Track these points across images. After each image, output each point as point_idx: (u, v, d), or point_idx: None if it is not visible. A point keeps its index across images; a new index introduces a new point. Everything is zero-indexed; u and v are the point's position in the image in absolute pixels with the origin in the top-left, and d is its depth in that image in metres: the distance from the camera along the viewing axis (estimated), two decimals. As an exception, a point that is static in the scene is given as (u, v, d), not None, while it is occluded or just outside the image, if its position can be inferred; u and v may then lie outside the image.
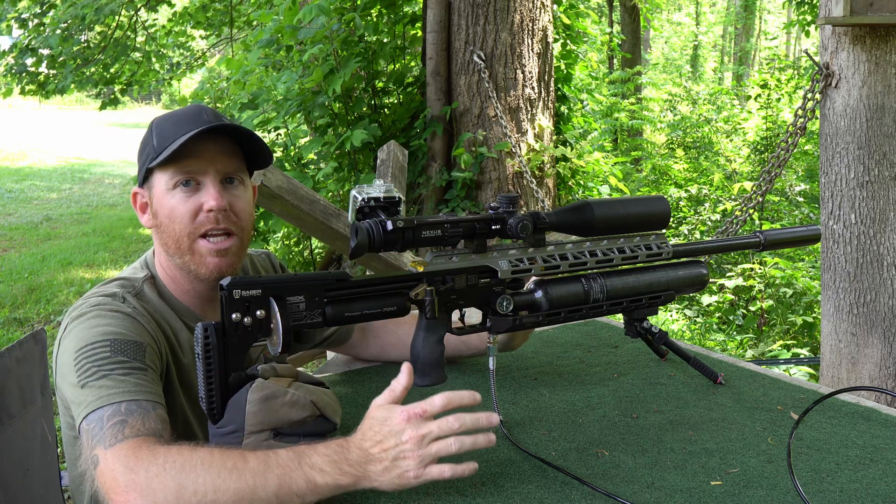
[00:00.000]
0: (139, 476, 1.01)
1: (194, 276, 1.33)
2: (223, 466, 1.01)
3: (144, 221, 1.37)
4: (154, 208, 1.32)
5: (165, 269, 1.36)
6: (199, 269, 1.31)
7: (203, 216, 1.29)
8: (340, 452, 1.06)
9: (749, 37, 24.27)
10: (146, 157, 1.32)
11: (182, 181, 1.29)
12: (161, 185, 1.31)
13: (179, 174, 1.29)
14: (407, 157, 4.23)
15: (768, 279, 5.71)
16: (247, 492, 1.01)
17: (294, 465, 1.03)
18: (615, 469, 1.19)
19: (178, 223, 1.29)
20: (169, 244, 1.31)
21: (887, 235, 3.08)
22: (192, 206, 1.29)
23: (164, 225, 1.31)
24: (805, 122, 3.37)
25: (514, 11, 5.03)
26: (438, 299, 1.20)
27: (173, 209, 1.29)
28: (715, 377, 1.56)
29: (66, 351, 1.20)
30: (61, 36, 8.07)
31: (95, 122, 23.86)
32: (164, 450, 1.04)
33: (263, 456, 1.04)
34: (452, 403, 1.10)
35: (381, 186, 1.15)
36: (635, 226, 1.33)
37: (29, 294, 6.18)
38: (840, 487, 1.14)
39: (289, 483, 1.02)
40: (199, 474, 1.00)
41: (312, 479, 1.03)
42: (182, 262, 1.32)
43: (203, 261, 1.31)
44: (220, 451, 1.04)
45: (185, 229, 1.29)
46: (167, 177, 1.30)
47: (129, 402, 1.12)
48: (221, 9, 9.70)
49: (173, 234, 1.30)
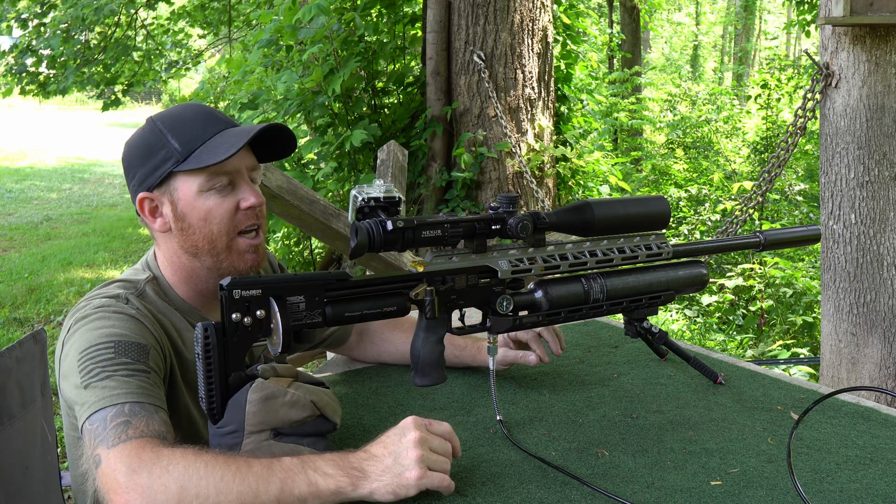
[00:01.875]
0: (141, 477, 1.01)
1: (223, 275, 1.31)
2: (226, 470, 1.01)
3: (158, 226, 1.32)
4: (181, 211, 1.29)
5: (179, 269, 1.35)
6: (238, 265, 1.32)
7: (242, 214, 1.30)
8: (344, 456, 1.07)
9: (749, 37, 24.26)
10: (162, 160, 1.28)
11: (220, 184, 1.28)
12: (191, 188, 1.28)
13: (217, 177, 1.28)
14: (407, 157, 4.24)
15: (768, 279, 5.71)
16: (250, 495, 1.00)
17: (297, 469, 1.03)
18: (615, 469, 1.19)
19: (217, 224, 1.29)
20: (201, 246, 1.30)
21: (887, 235, 3.08)
22: (230, 205, 1.29)
23: (195, 227, 1.29)
24: (805, 122, 3.37)
25: (514, 11, 5.03)
26: (438, 299, 1.20)
27: (210, 211, 1.28)
28: (715, 377, 1.56)
29: (69, 352, 1.20)
30: (62, 37, 8.07)
31: (95, 122, 23.86)
32: (167, 452, 1.04)
33: (268, 461, 1.04)
34: (453, 438, 1.14)
35: (381, 186, 1.15)
36: (635, 226, 1.33)
37: (29, 294, 6.18)
38: (840, 487, 1.14)
39: (291, 487, 1.02)
40: (201, 477, 1.00)
41: (315, 482, 1.03)
42: (215, 262, 1.31)
43: (242, 258, 1.32)
44: (224, 456, 1.04)
45: (224, 228, 1.29)
46: (201, 179, 1.27)
47: (132, 403, 1.11)
48: (220, 8, 9.71)
49: (208, 235, 1.29)
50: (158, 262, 1.37)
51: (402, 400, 1.50)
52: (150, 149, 1.30)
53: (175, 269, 1.35)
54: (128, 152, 1.33)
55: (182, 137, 1.28)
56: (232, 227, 1.30)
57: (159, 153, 1.29)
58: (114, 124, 23.21)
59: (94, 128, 22.54)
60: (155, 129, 1.30)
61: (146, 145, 1.30)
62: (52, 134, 19.81)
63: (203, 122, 1.29)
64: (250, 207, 1.30)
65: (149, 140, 1.30)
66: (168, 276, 1.36)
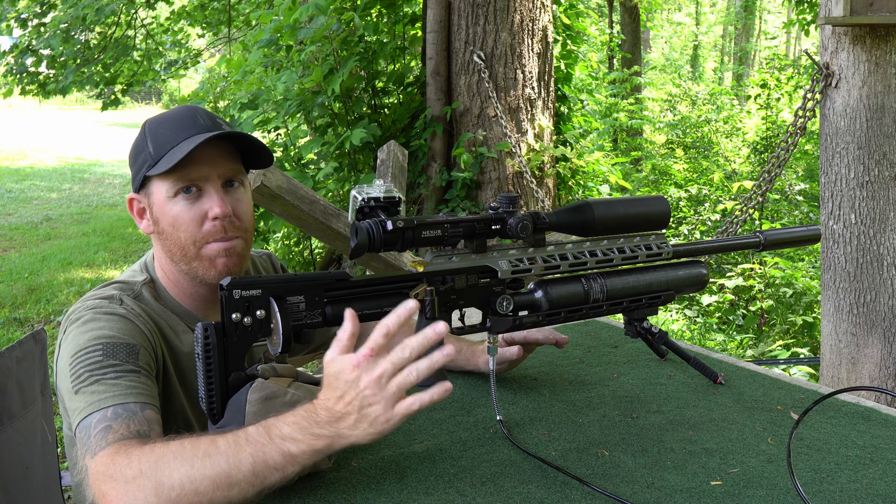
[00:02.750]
0: (119, 483, 1.02)
1: (201, 281, 1.32)
2: (195, 455, 1.01)
3: (143, 227, 1.34)
4: (155, 215, 1.30)
5: (167, 273, 1.35)
6: (209, 272, 1.30)
7: (209, 224, 1.28)
8: (308, 417, 1.03)
9: (749, 37, 24.26)
10: (142, 163, 1.29)
11: (184, 188, 1.27)
12: (161, 192, 1.28)
13: (181, 182, 1.27)
14: (407, 157, 4.23)
15: (768, 279, 5.71)
16: (223, 475, 1.00)
17: (265, 440, 1.02)
18: (615, 469, 1.19)
19: (184, 231, 1.28)
20: (174, 251, 1.30)
21: (887, 235, 3.08)
22: (196, 213, 1.28)
23: (167, 233, 1.29)
24: (805, 121, 3.37)
25: (514, 11, 5.03)
26: (438, 299, 1.20)
27: (177, 217, 1.27)
28: (715, 377, 1.56)
29: (63, 356, 1.21)
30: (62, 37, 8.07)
31: (95, 122, 23.86)
32: (137, 451, 1.04)
33: (233, 437, 1.03)
34: (391, 331, 1.04)
35: (381, 186, 1.15)
36: (635, 226, 1.33)
37: (29, 294, 6.18)
38: (840, 487, 1.14)
39: (264, 458, 1.01)
40: (173, 469, 1.00)
41: (287, 450, 1.02)
42: (189, 269, 1.31)
43: (213, 263, 1.30)
44: (191, 441, 1.03)
45: (191, 237, 1.28)
46: (168, 185, 1.27)
47: (115, 406, 1.12)
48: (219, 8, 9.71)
49: (178, 241, 1.29)
50: (155, 265, 1.37)
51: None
52: (137, 151, 1.32)
53: (165, 271, 1.36)
54: (129, 154, 1.36)
55: (156, 141, 1.28)
56: (200, 236, 1.28)
57: (140, 156, 1.30)
58: (114, 124, 23.21)
59: (94, 128, 22.54)
60: (142, 132, 1.32)
61: (135, 148, 1.33)
62: (52, 134, 19.81)
63: (180, 126, 1.28)
64: (215, 218, 1.27)
65: (137, 143, 1.33)
66: (162, 279, 1.36)
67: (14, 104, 24.44)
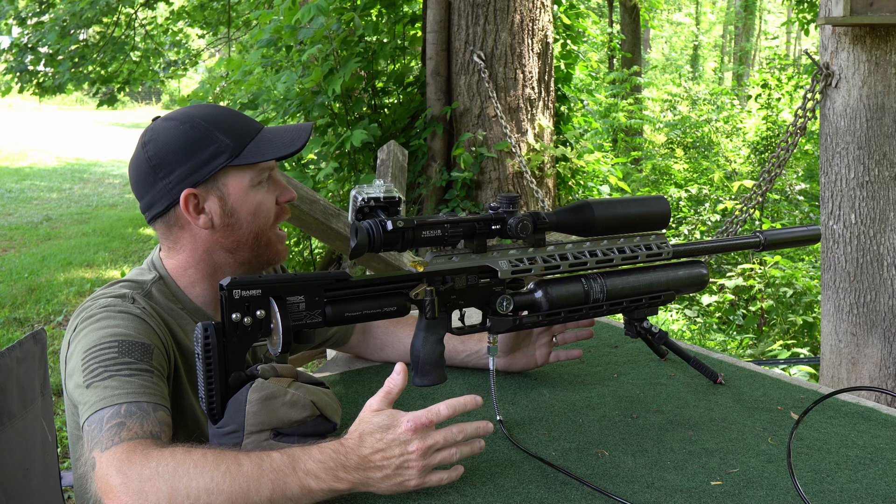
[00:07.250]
0: (131, 480, 1.01)
1: (252, 270, 1.36)
2: (216, 469, 1.01)
3: (202, 223, 1.30)
4: (231, 206, 1.30)
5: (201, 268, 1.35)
6: (274, 258, 1.37)
7: (279, 208, 1.36)
8: (336, 458, 1.04)
9: (749, 37, 24.27)
10: (211, 156, 1.27)
11: (265, 178, 1.33)
12: (243, 182, 1.30)
13: (264, 171, 1.32)
14: (407, 157, 4.24)
15: (768, 279, 5.72)
16: (240, 495, 1.00)
17: (288, 471, 1.03)
18: (615, 469, 1.19)
19: (264, 217, 1.33)
20: (245, 240, 1.32)
21: (887, 235, 3.08)
22: (273, 199, 1.35)
23: (243, 222, 1.31)
24: (805, 121, 3.37)
25: (514, 11, 5.04)
26: (438, 299, 1.20)
27: (260, 205, 1.32)
28: (715, 377, 1.56)
29: (74, 351, 1.20)
30: (59, 33, 8.07)
31: (95, 123, 23.87)
32: (157, 453, 1.04)
33: (257, 459, 1.03)
34: (457, 411, 1.10)
35: (381, 186, 1.15)
36: (635, 226, 1.33)
37: (29, 294, 6.18)
38: (840, 487, 1.14)
39: (283, 488, 1.02)
40: (191, 478, 1.00)
41: (307, 485, 1.03)
42: (254, 256, 1.34)
43: (277, 249, 1.37)
44: (214, 454, 1.03)
45: (269, 222, 1.34)
46: (251, 174, 1.31)
47: (129, 403, 1.11)
48: (219, 8, 9.71)
49: (255, 229, 1.32)
50: (165, 264, 1.36)
51: (402, 400, 1.50)
52: (196, 145, 1.27)
53: (200, 267, 1.34)
54: (162, 149, 1.27)
55: (231, 134, 1.29)
56: (274, 220, 1.35)
57: (207, 149, 1.27)
58: (114, 124, 23.23)
59: (94, 128, 22.55)
60: (198, 126, 1.28)
61: (190, 141, 1.27)
62: (52, 134, 19.81)
63: (244, 120, 1.33)
64: (289, 201, 1.36)
65: (192, 136, 1.27)
66: (179, 277, 1.35)
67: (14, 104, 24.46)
